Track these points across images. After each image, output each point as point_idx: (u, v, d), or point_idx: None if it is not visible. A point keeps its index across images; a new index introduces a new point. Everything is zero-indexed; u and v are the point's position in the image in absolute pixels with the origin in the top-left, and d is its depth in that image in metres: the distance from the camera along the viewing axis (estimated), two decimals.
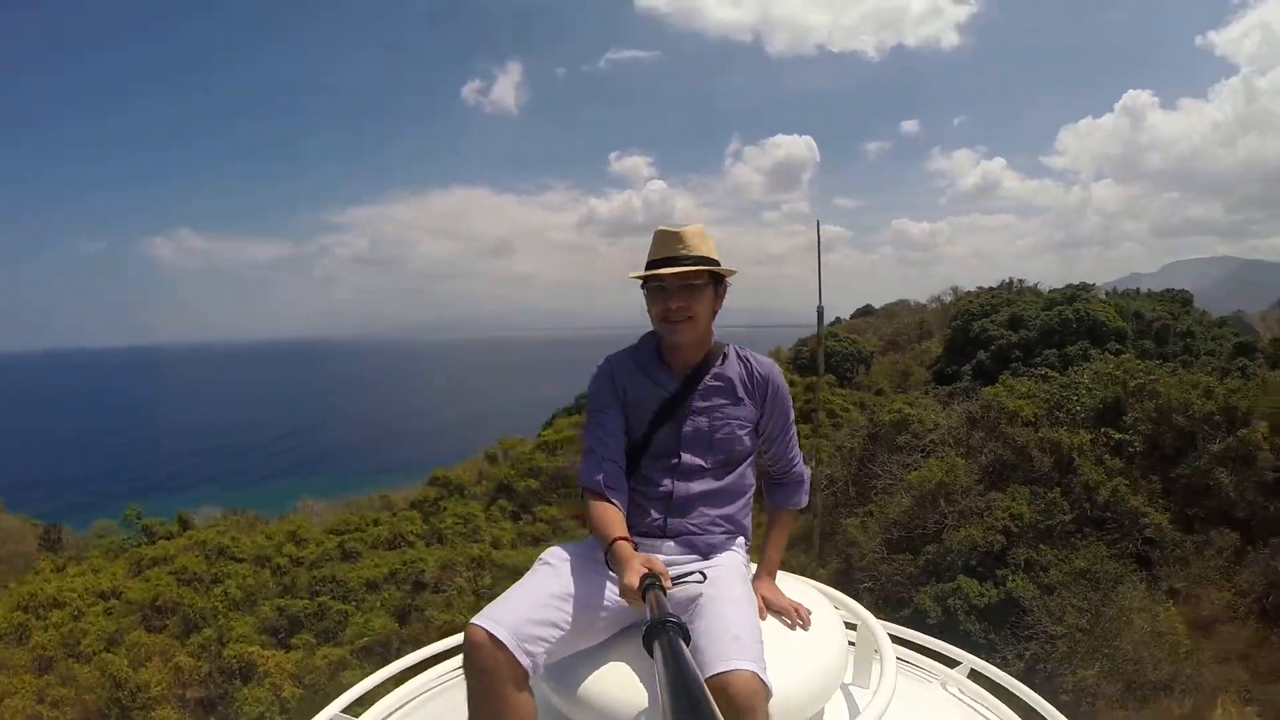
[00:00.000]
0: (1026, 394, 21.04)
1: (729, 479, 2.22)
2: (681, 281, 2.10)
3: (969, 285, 41.94)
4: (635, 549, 1.86)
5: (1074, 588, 15.57)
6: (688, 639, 1.24)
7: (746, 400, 2.24)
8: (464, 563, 14.11)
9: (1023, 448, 18.52)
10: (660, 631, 1.23)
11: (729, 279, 2.21)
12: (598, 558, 1.97)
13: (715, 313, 2.21)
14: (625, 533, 1.91)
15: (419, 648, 2.85)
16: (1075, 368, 25.70)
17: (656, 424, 2.18)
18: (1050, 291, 36.06)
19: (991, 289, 39.54)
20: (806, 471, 2.45)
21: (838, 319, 44.97)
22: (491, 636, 1.68)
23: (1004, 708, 2.52)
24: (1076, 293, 34.44)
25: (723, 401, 2.21)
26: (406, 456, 50.89)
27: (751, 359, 2.30)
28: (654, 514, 2.15)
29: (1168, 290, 40.25)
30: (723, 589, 1.93)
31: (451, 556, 14.34)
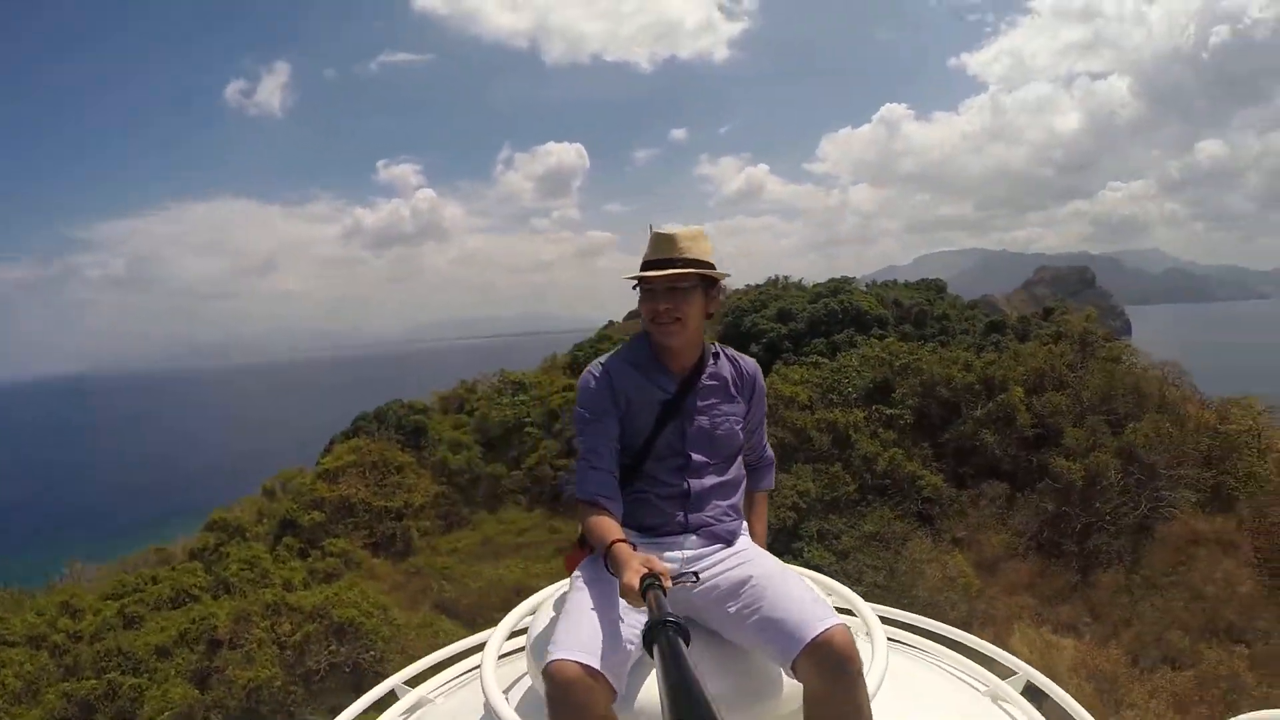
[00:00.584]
0: (801, 380, 22.52)
1: (731, 472, 2.30)
2: (669, 284, 2.13)
3: (738, 284, 43.63)
4: (635, 549, 1.86)
5: (867, 550, 16.76)
6: (687, 639, 1.23)
7: (738, 397, 2.32)
8: (258, 612, 13.08)
9: (802, 429, 19.92)
10: (660, 631, 1.22)
11: (722, 281, 2.26)
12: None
13: (708, 315, 2.24)
14: (622, 535, 1.91)
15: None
16: (844, 353, 27.98)
17: (660, 425, 2.21)
18: (815, 286, 38.71)
19: (759, 286, 41.53)
20: (773, 455, 2.59)
21: (611, 322, 45.74)
22: (585, 668, 1.65)
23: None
24: (839, 285, 37.21)
25: (718, 400, 2.28)
26: (181, 500, 46.95)
27: (738, 358, 2.37)
28: (674, 513, 2.19)
29: (923, 279, 44.59)
30: (768, 563, 2.09)
31: (243, 607, 13.42)
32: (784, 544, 15.79)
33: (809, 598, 1.87)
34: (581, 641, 1.71)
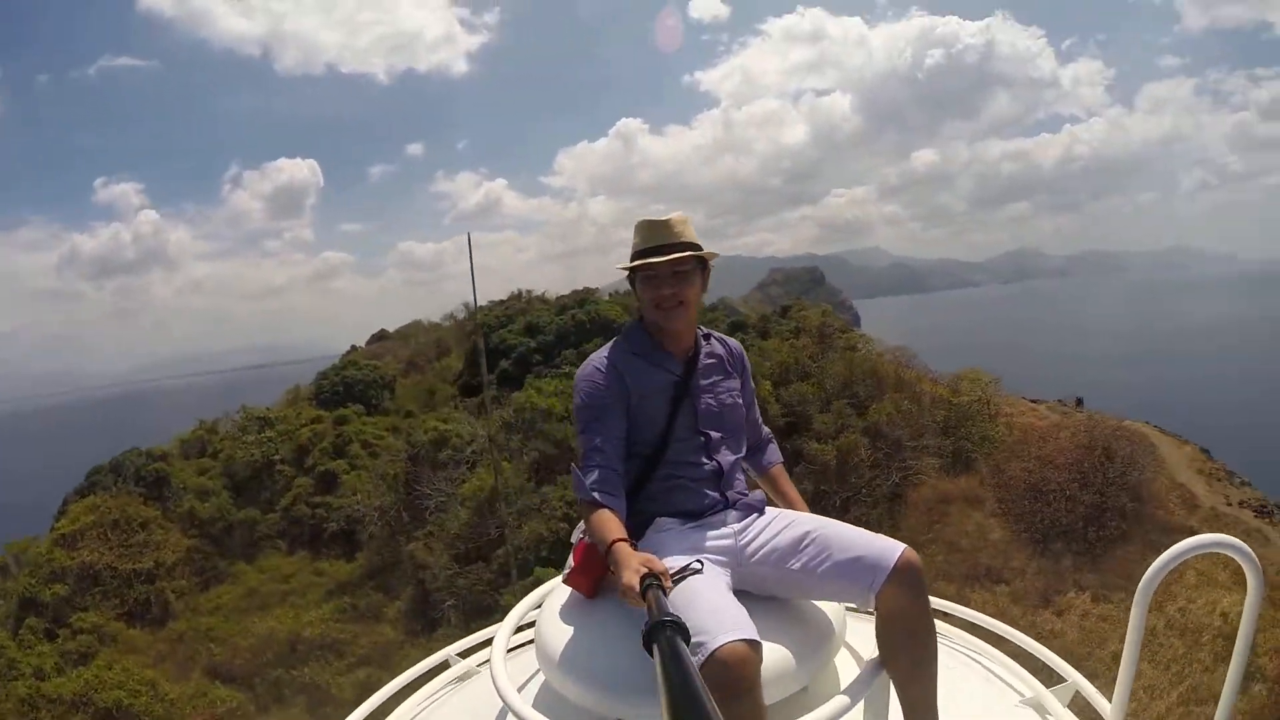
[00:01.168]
0: (555, 392, 22.53)
1: (741, 445, 2.39)
2: (673, 268, 2.21)
3: (481, 300, 40.66)
4: (634, 549, 1.89)
5: None
6: (687, 639, 1.23)
7: (733, 372, 2.41)
8: (12, 710, 12.49)
9: (561, 441, 20.28)
10: (660, 631, 1.22)
11: (711, 262, 2.33)
12: (688, 539, 2.13)
13: (702, 295, 2.36)
14: (624, 534, 1.94)
15: None
16: None
17: (675, 408, 2.25)
18: (559, 298, 39.25)
19: (504, 301, 40.85)
20: (770, 431, 2.70)
21: (353, 347, 43.70)
22: (749, 643, 1.66)
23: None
24: (584, 296, 37.96)
25: (720, 378, 2.36)
26: None
27: (724, 339, 2.48)
28: (710, 492, 2.22)
29: None
30: (811, 518, 2.18)
31: None
32: (560, 556, 16.67)
33: (868, 534, 2.00)
34: (734, 619, 1.72)
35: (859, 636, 2.25)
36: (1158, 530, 16.00)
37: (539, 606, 2.40)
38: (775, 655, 1.85)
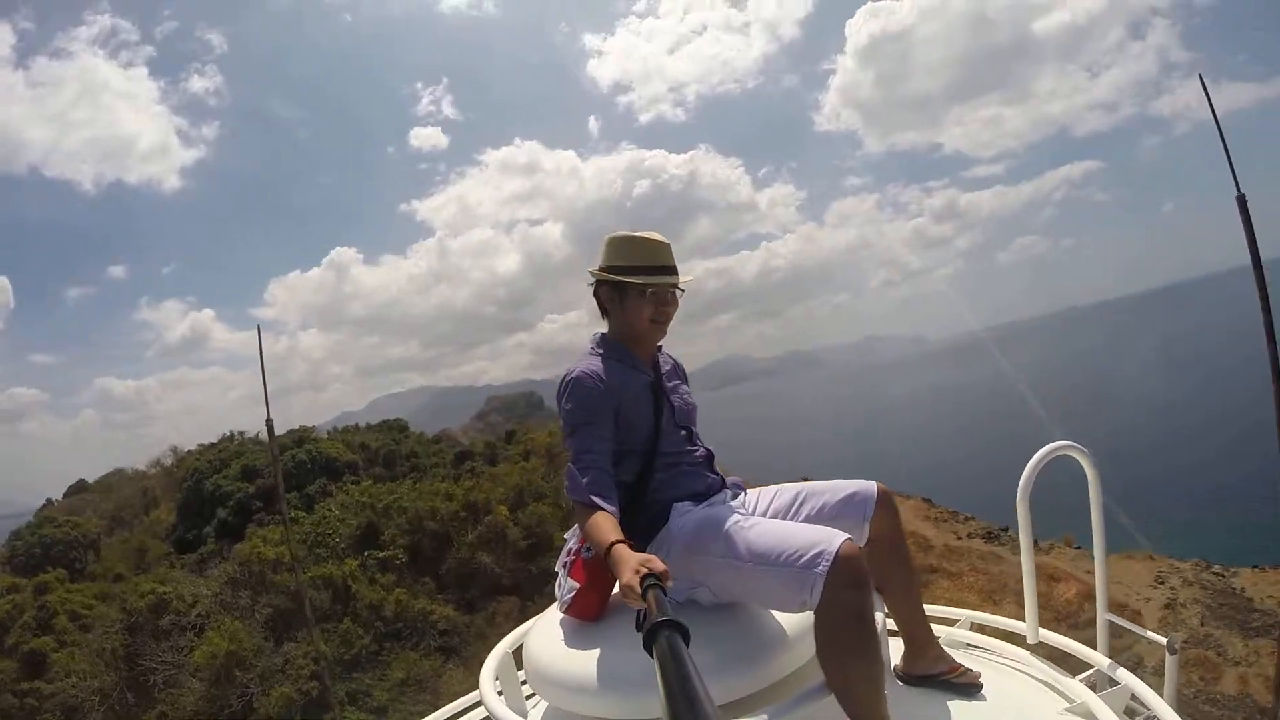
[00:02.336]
0: (282, 540, 21.32)
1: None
2: (676, 289, 2.45)
3: (189, 444, 39.32)
4: (632, 549, 1.89)
5: (405, 698, 16.68)
6: (687, 639, 1.22)
7: (684, 379, 2.64)
8: None
9: (297, 592, 18.87)
10: (660, 631, 1.20)
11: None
12: (717, 496, 2.37)
13: None
14: (621, 536, 1.95)
15: None
16: (321, 504, 27.04)
17: (658, 405, 2.39)
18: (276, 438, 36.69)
19: (214, 444, 38.56)
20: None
21: (49, 500, 38.66)
22: (855, 545, 1.87)
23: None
24: (302, 435, 36.21)
25: (678, 381, 2.58)
26: None
27: (668, 352, 2.63)
28: (708, 474, 2.41)
29: (383, 420, 45.70)
30: (786, 484, 2.49)
31: None
32: (315, 716, 15.02)
33: (842, 480, 2.35)
34: (827, 529, 1.91)
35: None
36: None
37: (527, 634, 2.43)
38: (796, 622, 1.99)
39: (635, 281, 2.35)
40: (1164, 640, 2.41)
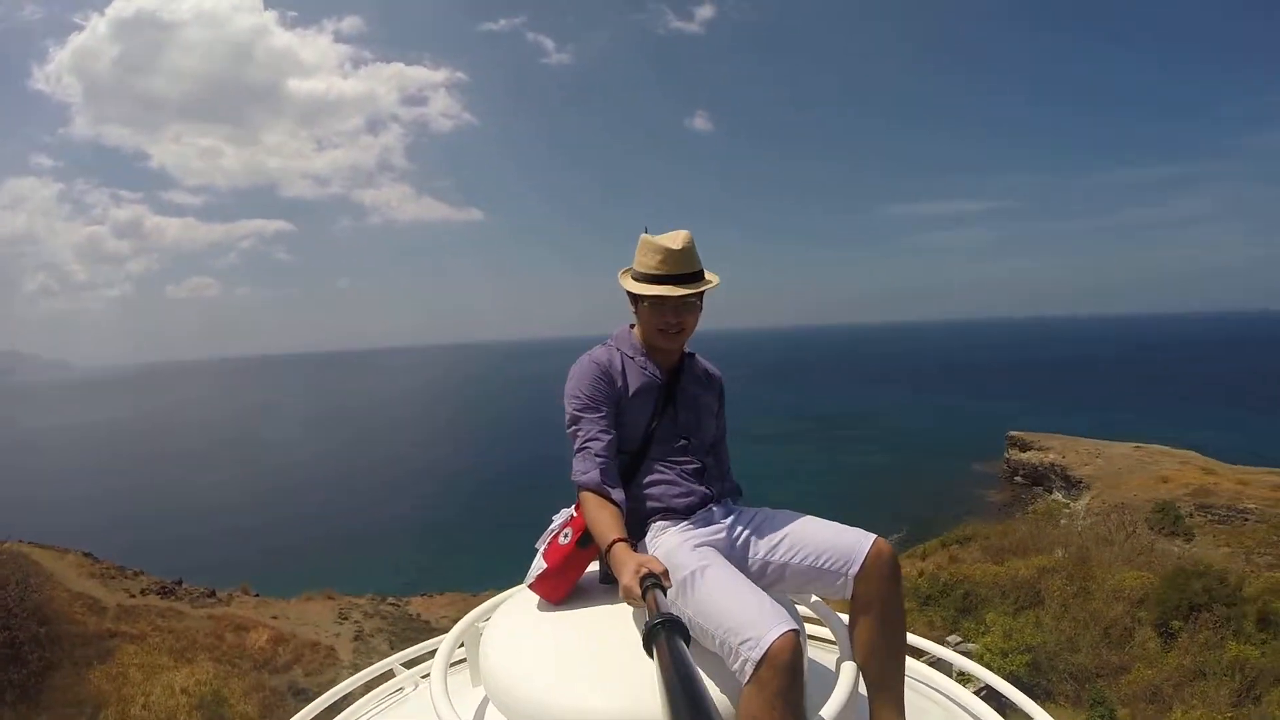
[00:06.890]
0: None
1: (717, 456, 2.43)
2: (682, 300, 2.21)
3: None
4: (634, 549, 1.89)
5: None
6: (687, 639, 1.20)
7: (713, 392, 2.45)
8: None
9: None
10: (660, 631, 1.19)
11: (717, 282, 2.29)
12: (688, 537, 2.05)
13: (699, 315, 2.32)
14: (624, 534, 1.93)
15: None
16: None
17: (660, 408, 2.27)
18: None
19: None
20: (740, 488, 2.57)
21: None
22: (796, 632, 1.61)
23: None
24: None
25: (700, 390, 2.39)
26: None
27: (707, 362, 2.50)
28: (698, 487, 2.22)
29: None
30: (786, 511, 2.18)
31: None
32: None
33: (842, 526, 2.04)
34: (775, 610, 1.66)
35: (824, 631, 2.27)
36: (80, 643, 14.47)
37: (488, 619, 2.27)
38: None
39: (632, 291, 2.25)
40: None
